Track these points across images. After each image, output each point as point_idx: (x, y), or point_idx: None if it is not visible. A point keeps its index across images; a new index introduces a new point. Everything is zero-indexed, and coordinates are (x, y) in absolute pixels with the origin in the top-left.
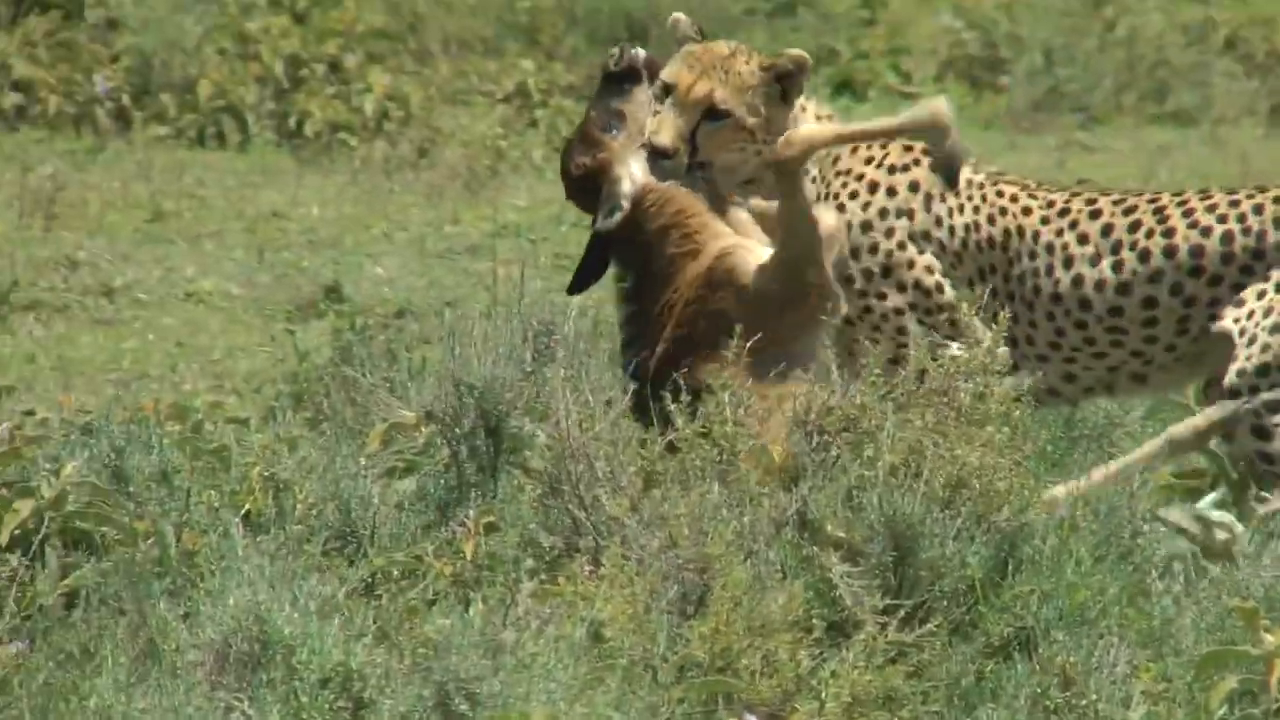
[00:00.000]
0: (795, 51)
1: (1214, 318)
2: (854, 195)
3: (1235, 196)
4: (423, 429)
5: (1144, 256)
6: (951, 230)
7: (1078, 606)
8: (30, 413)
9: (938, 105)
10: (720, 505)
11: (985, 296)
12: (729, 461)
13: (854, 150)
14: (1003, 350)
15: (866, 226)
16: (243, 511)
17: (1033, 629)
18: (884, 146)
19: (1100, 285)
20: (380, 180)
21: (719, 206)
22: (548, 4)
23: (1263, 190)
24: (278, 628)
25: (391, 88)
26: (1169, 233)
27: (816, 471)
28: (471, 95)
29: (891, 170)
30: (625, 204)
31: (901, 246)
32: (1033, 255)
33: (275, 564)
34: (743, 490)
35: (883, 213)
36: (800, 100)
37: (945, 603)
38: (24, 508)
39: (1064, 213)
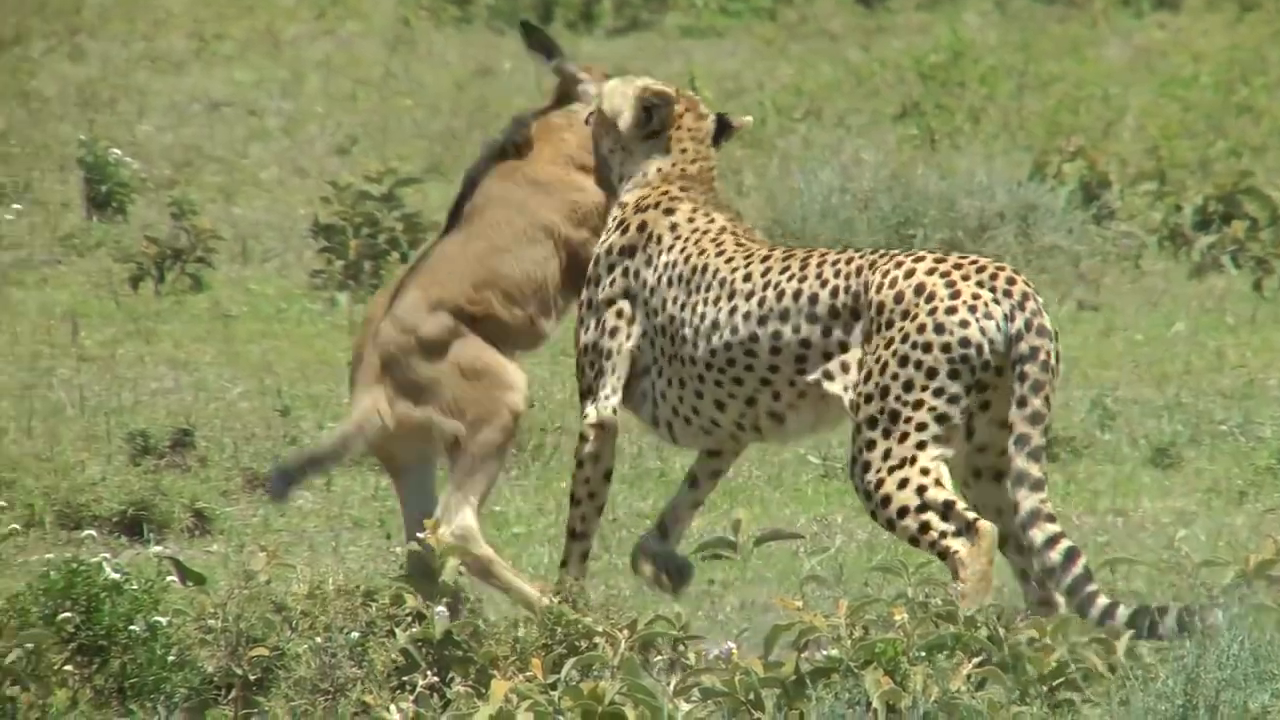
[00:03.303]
0: (661, 88)
1: (827, 374)
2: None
3: (850, 254)
4: None
5: (780, 295)
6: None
7: None
8: None
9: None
10: None
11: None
12: None
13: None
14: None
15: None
16: None
17: None
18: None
19: (747, 316)
20: None
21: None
22: None
23: (875, 251)
24: None
25: None
26: (803, 278)
27: None
28: None
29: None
30: None
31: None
32: (708, 287)
33: None
34: None
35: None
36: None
37: None
38: None
39: (748, 255)
